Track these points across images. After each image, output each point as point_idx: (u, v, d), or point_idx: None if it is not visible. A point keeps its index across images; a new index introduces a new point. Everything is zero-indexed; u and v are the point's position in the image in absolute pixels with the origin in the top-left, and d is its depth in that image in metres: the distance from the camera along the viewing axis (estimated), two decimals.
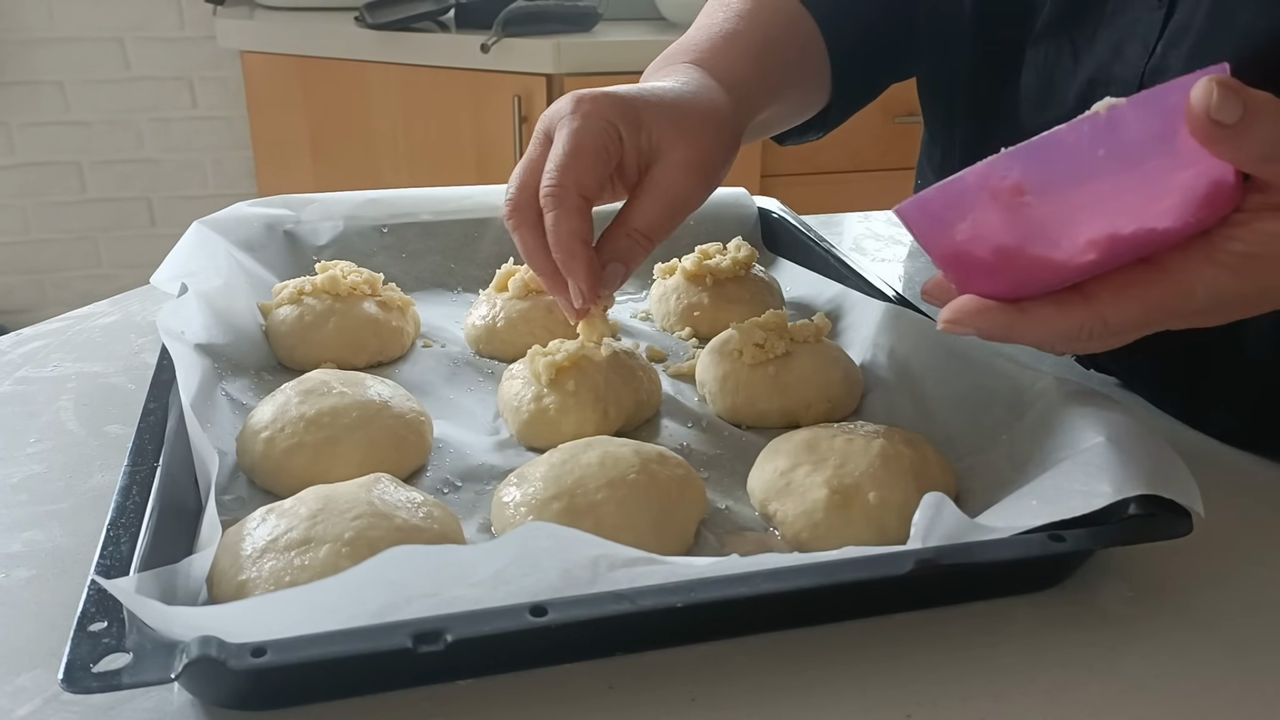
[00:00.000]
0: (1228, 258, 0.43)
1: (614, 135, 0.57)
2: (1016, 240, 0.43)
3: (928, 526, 0.44)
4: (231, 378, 0.66)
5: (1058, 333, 0.45)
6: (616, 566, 0.41)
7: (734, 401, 0.65)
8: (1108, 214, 0.41)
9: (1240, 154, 0.40)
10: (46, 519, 0.54)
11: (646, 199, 0.58)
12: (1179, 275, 0.43)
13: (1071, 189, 0.41)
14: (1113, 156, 0.40)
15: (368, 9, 1.88)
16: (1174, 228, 0.42)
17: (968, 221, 0.43)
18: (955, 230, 0.44)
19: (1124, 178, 0.41)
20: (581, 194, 0.56)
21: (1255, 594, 0.50)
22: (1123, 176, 0.41)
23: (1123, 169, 0.41)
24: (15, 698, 0.42)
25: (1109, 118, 0.40)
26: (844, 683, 0.43)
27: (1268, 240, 0.42)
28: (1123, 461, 0.47)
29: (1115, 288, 0.44)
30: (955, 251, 0.44)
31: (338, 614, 0.38)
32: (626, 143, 0.57)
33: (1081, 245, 0.42)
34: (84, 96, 2.29)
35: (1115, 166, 0.41)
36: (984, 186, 0.42)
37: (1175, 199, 0.41)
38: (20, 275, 2.41)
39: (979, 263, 0.44)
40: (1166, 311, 0.44)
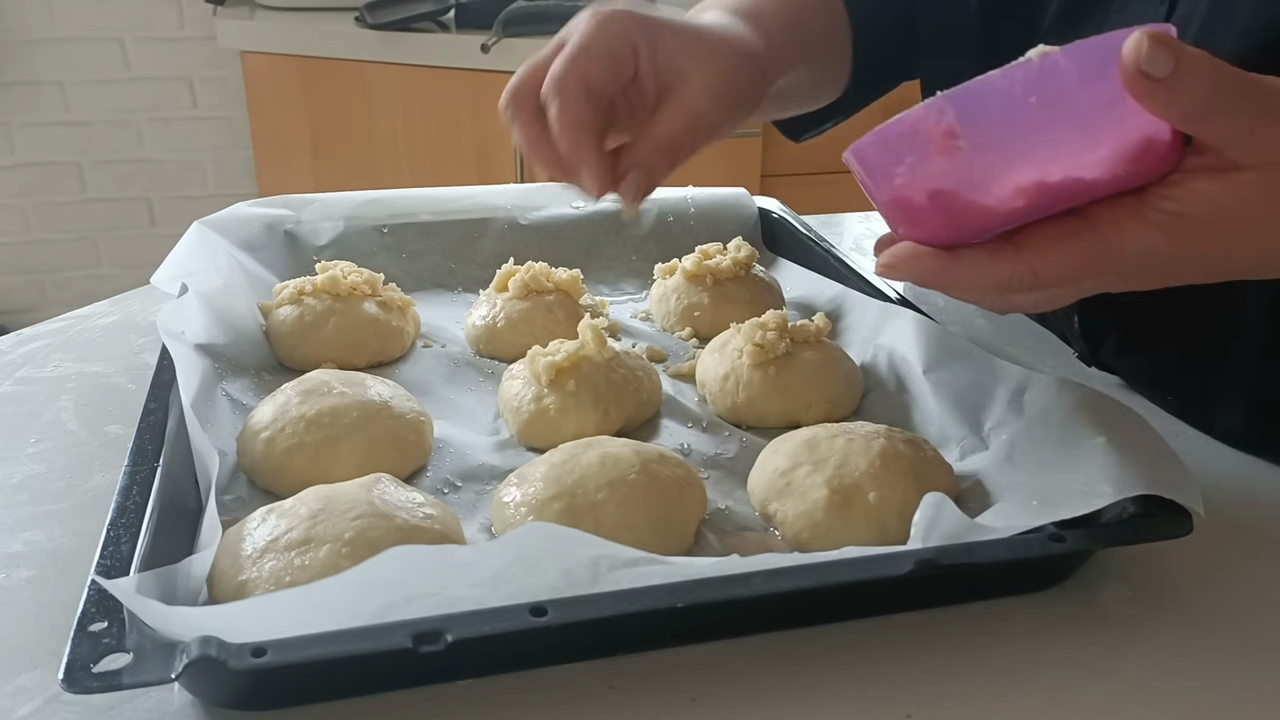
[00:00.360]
0: (1158, 216, 0.42)
1: (628, 45, 0.54)
2: (950, 185, 0.43)
3: (928, 527, 0.44)
4: (232, 378, 0.66)
5: (988, 280, 0.45)
6: (617, 567, 0.41)
7: (734, 402, 0.65)
8: (1037, 161, 0.42)
9: (1171, 109, 0.40)
10: (47, 519, 0.54)
11: (667, 112, 0.55)
12: (1109, 231, 0.43)
13: (1002, 134, 0.42)
14: (1044, 104, 0.41)
15: (368, 9, 1.88)
16: (1103, 179, 0.42)
17: (904, 165, 0.44)
18: (894, 175, 0.44)
19: (1055, 127, 0.41)
20: (586, 86, 0.53)
21: (1255, 594, 0.50)
22: (1054, 125, 0.41)
23: (1054, 117, 0.41)
24: (15, 698, 0.42)
25: (1041, 65, 0.40)
26: (844, 683, 0.43)
27: (1200, 201, 0.42)
28: (1123, 461, 0.47)
29: (1046, 239, 0.43)
30: (894, 196, 0.45)
31: (338, 614, 0.38)
32: (642, 58, 0.55)
33: (1011, 192, 0.42)
34: (84, 96, 2.29)
35: (1046, 114, 0.41)
36: (919, 130, 0.43)
37: (1106, 151, 0.41)
38: (20, 275, 2.41)
39: (916, 208, 0.44)
40: (1095, 266, 0.43)
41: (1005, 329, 0.79)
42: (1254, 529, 0.55)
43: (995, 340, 0.75)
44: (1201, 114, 0.40)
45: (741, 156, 1.93)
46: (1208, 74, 0.39)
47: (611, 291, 0.85)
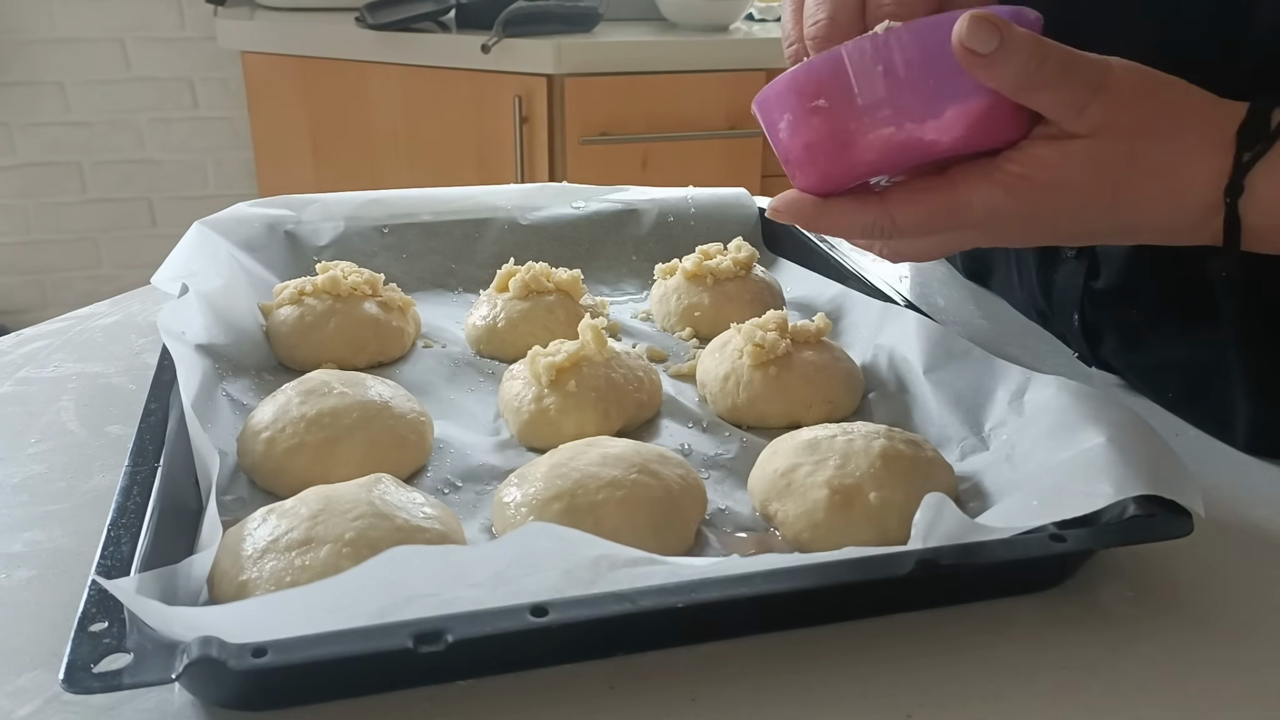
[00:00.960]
0: (1002, 176, 0.48)
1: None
2: (817, 138, 0.49)
3: (928, 527, 0.44)
4: (232, 378, 0.66)
5: (855, 225, 0.51)
6: (617, 567, 0.41)
7: (734, 402, 0.65)
8: (885, 121, 0.47)
9: (997, 81, 0.46)
10: (47, 519, 0.54)
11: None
12: (960, 186, 0.48)
13: (854, 97, 0.47)
14: (889, 73, 0.47)
15: (368, 9, 1.88)
16: (942, 140, 0.48)
17: (784, 121, 0.50)
18: (778, 128, 0.51)
19: (900, 92, 0.47)
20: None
21: (1256, 594, 0.50)
22: (899, 91, 0.47)
23: (898, 85, 0.47)
24: (16, 698, 0.42)
25: (885, 39, 0.46)
26: (845, 683, 0.43)
27: (1039, 164, 0.47)
28: (1123, 461, 0.47)
29: (906, 191, 0.49)
30: (779, 148, 0.51)
31: (338, 614, 0.38)
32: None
33: (862, 147, 0.48)
34: (85, 97, 2.29)
35: (890, 82, 0.47)
36: (792, 89, 0.49)
37: (949, 116, 0.47)
38: (21, 275, 2.41)
39: (796, 159, 0.51)
40: (946, 218, 0.49)
41: (1005, 330, 0.79)
42: (1255, 529, 0.55)
43: (995, 340, 0.75)
44: (1026, 87, 0.46)
45: (742, 157, 1.93)
46: (1030, 51, 0.45)
47: (612, 291, 0.85)
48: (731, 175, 1.87)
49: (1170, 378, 0.66)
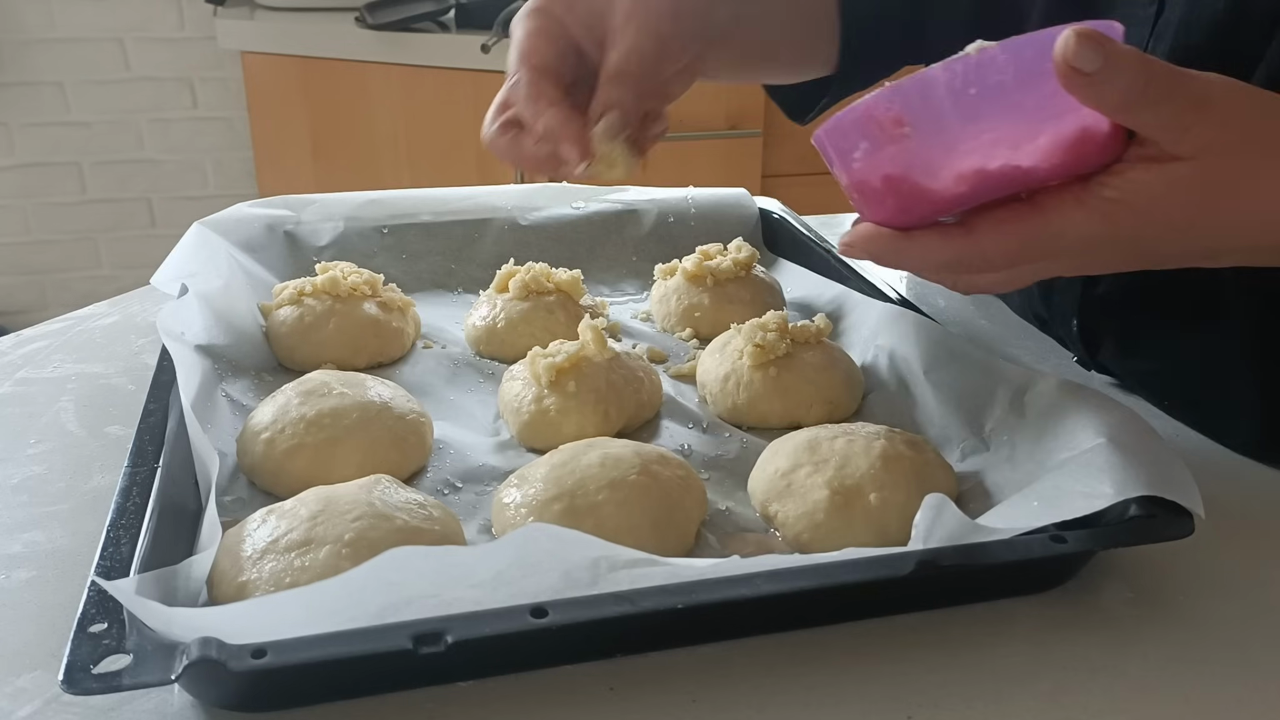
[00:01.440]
0: (1097, 202, 0.44)
1: (553, 18, 0.59)
2: (900, 169, 0.46)
3: (929, 528, 0.44)
4: (232, 379, 0.66)
5: (939, 259, 0.48)
6: (617, 568, 0.41)
7: (735, 402, 0.65)
8: (978, 149, 0.44)
9: (1101, 102, 0.42)
10: (47, 520, 0.54)
11: (613, 50, 0.59)
12: (1052, 215, 0.45)
13: (944, 123, 0.44)
14: (983, 96, 0.43)
15: (368, 9, 1.88)
16: (1041, 167, 0.44)
17: (860, 151, 0.46)
18: (853, 159, 0.47)
19: (994, 117, 0.44)
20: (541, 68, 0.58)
21: (1257, 595, 0.50)
22: (992, 116, 0.44)
23: (992, 109, 0.43)
24: (15, 699, 0.42)
25: (979, 59, 0.43)
26: (845, 684, 0.43)
27: (1137, 189, 0.44)
28: (1124, 463, 0.47)
29: (994, 222, 0.46)
30: (853, 179, 0.48)
31: (338, 615, 0.38)
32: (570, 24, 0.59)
33: (954, 178, 0.45)
34: (84, 97, 2.29)
35: (985, 106, 0.43)
36: (871, 117, 0.45)
37: (1045, 141, 0.44)
38: (21, 276, 2.41)
39: (872, 190, 0.47)
40: (1038, 249, 0.46)
41: (1005, 330, 0.79)
42: (1255, 530, 0.55)
43: (996, 341, 0.75)
44: (1130, 106, 0.42)
45: (742, 157, 1.93)
46: (1136, 69, 0.42)
47: (612, 292, 0.85)
48: (732, 175, 1.87)
49: (1169, 383, 0.65)
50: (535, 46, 0.59)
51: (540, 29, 0.59)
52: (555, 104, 0.57)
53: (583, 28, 0.59)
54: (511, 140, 0.59)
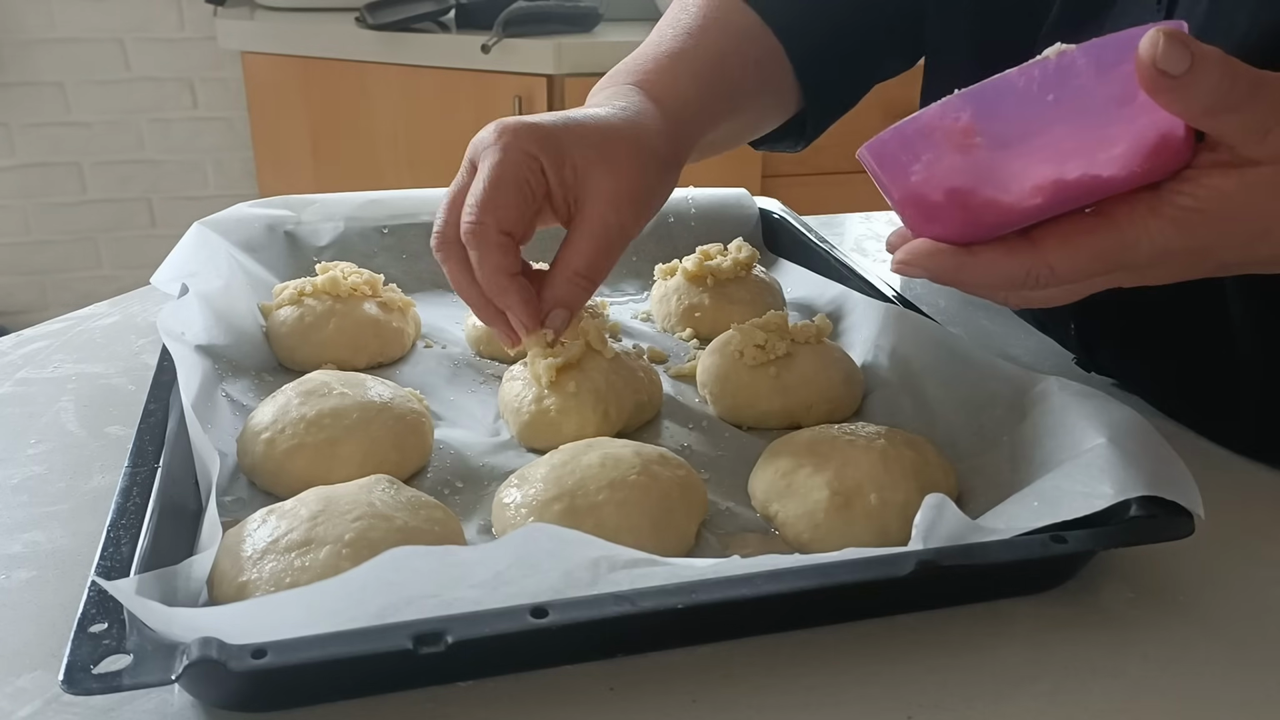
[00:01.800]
0: (1173, 211, 0.43)
1: (535, 168, 0.56)
2: (967, 182, 0.43)
3: (929, 528, 0.44)
4: (232, 379, 0.66)
5: (1005, 276, 0.45)
6: (617, 568, 0.41)
7: (735, 402, 0.65)
8: (1055, 159, 0.42)
9: (1186, 106, 0.40)
10: (47, 520, 0.54)
11: (579, 238, 0.57)
12: (1125, 225, 0.43)
13: (1020, 132, 0.42)
14: (1061, 102, 0.41)
15: (368, 9, 1.88)
16: (1120, 176, 0.42)
17: (921, 163, 0.44)
18: (910, 171, 0.44)
19: (1072, 124, 0.41)
20: (501, 230, 0.55)
21: (1257, 595, 0.50)
22: (1071, 122, 0.41)
23: (1071, 115, 0.41)
24: (16, 699, 0.42)
25: (1059, 64, 0.41)
26: (845, 684, 0.43)
27: (1213, 196, 0.42)
28: (1124, 463, 0.47)
29: (1061, 235, 0.44)
30: (910, 193, 0.45)
31: (338, 615, 0.38)
32: (550, 175, 0.56)
33: (1028, 189, 0.43)
34: (84, 97, 2.29)
35: (1064, 112, 0.41)
36: (937, 127, 0.43)
37: (1122, 148, 0.42)
38: (21, 276, 2.41)
39: (932, 205, 0.45)
40: (1111, 261, 0.44)
41: (1006, 330, 0.79)
42: (1255, 531, 0.55)
43: (996, 342, 0.75)
44: (1216, 110, 0.40)
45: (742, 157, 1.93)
46: (1223, 71, 0.40)
47: (612, 292, 0.85)
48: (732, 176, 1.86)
49: (1167, 384, 0.65)
50: (504, 200, 0.55)
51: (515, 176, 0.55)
52: (512, 279, 0.56)
53: (557, 180, 0.56)
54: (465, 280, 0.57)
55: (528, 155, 0.56)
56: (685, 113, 0.64)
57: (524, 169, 0.55)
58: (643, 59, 0.67)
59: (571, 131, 0.57)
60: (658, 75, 0.65)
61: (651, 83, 0.65)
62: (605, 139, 0.58)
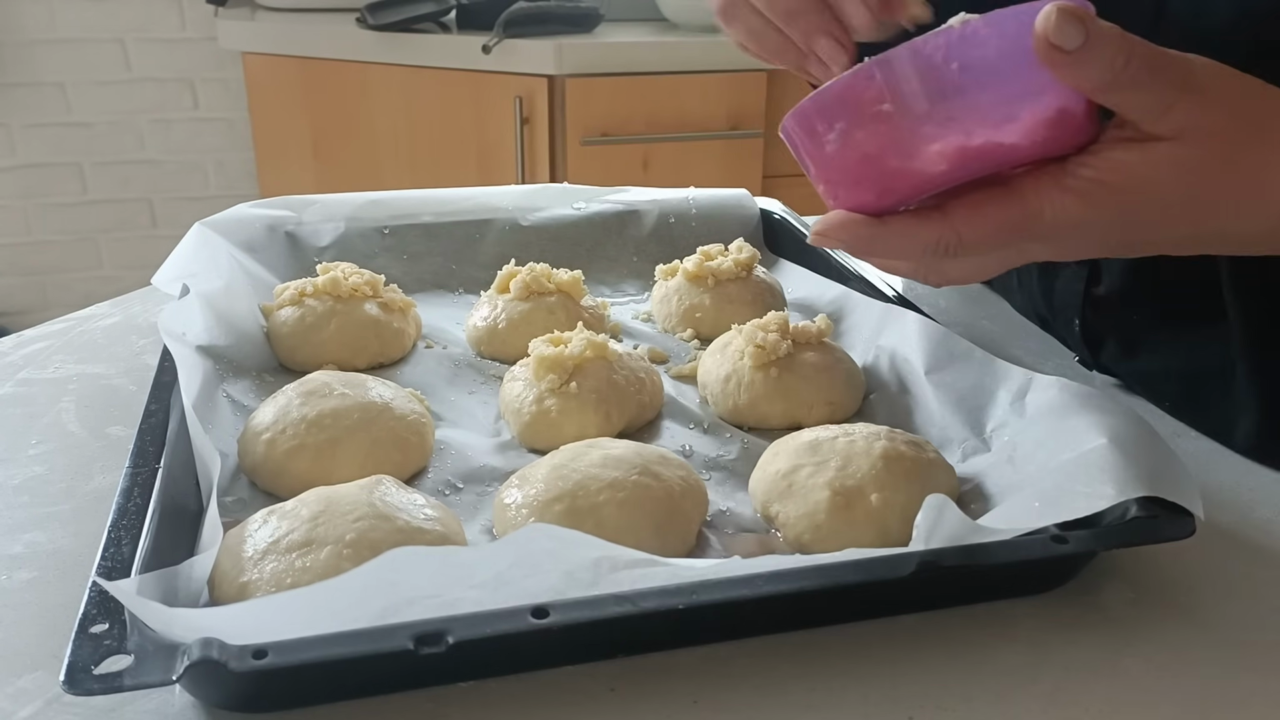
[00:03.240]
0: (1076, 183, 0.44)
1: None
2: (877, 149, 0.44)
3: (930, 528, 0.44)
4: (233, 379, 0.66)
5: (916, 245, 0.46)
6: (618, 568, 0.41)
7: (736, 403, 0.65)
8: (959, 125, 0.43)
9: (1082, 80, 0.42)
10: (48, 521, 0.54)
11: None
12: (1030, 196, 0.44)
13: (925, 99, 0.43)
14: (966, 71, 0.42)
15: (369, 10, 1.88)
16: (1021, 145, 0.43)
17: (835, 131, 0.45)
18: (825, 141, 0.46)
19: (976, 92, 0.43)
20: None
21: (1258, 595, 0.50)
22: (974, 91, 0.42)
23: (974, 84, 0.42)
24: (16, 699, 0.42)
25: (963, 33, 0.42)
26: (846, 685, 0.43)
27: (1115, 168, 0.43)
28: (1125, 463, 0.47)
29: (970, 204, 0.45)
30: (826, 163, 0.46)
31: (339, 616, 0.38)
32: None
33: (934, 155, 0.44)
34: (85, 98, 2.29)
35: (967, 81, 0.42)
36: (849, 95, 0.44)
37: (1025, 118, 0.43)
38: (21, 277, 2.41)
39: (846, 173, 0.46)
40: (1016, 230, 0.45)
41: (1007, 331, 0.79)
42: (1256, 531, 0.55)
43: (997, 342, 0.75)
44: (1112, 86, 0.42)
45: (743, 157, 1.93)
46: (1118, 47, 0.41)
47: (613, 293, 0.85)
48: (733, 176, 1.87)
49: (1171, 383, 0.65)
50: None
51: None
52: None
53: None
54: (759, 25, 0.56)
55: None
56: None
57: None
58: None
59: None
60: None
61: None
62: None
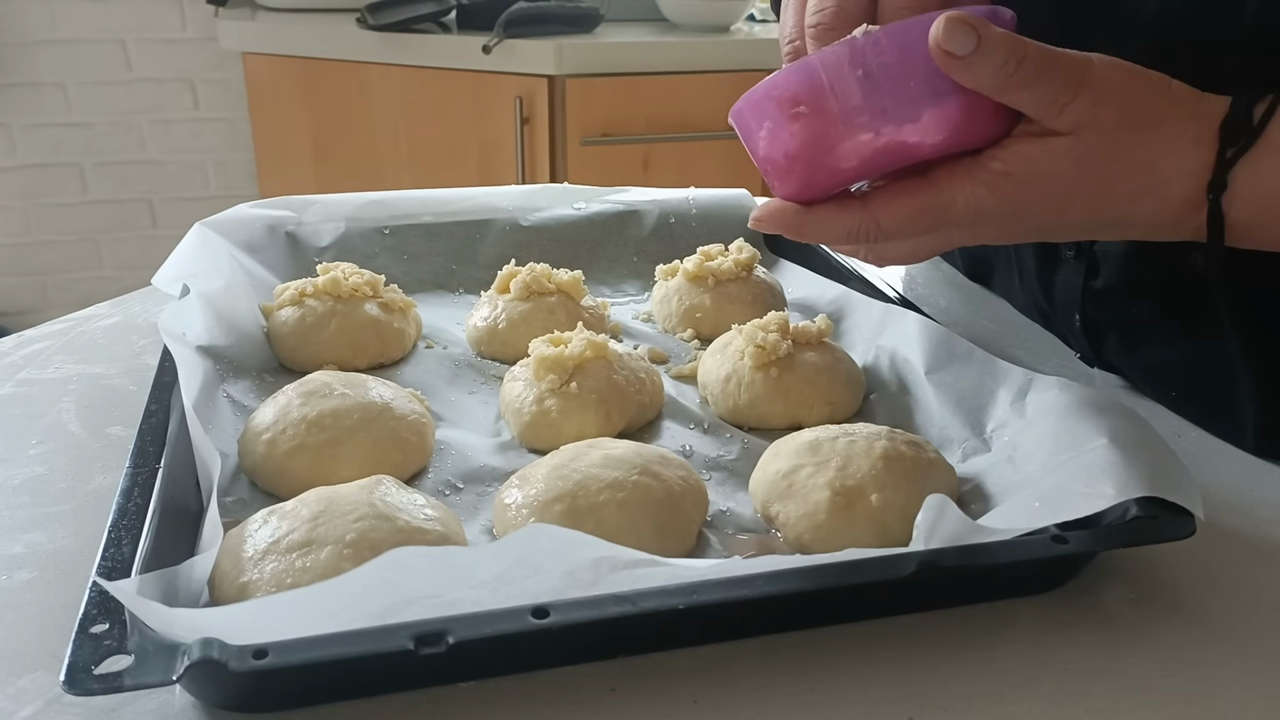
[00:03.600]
0: (985, 174, 0.48)
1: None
2: (798, 146, 0.49)
3: (930, 528, 0.44)
4: (233, 379, 0.66)
5: (839, 230, 0.50)
6: (618, 568, 0.41)
7: (736, 403, 0.65)
8: (866, 127, 0.47)
9: (976, 81, 0.46)
10: (48, 521, 0.54)
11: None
12: (943, 186, 0.49)
13: (834, 102, 0.47)
14: (869, 77, 0.46)
15: (369, 10, 1.88)
16: (927, 143, 0.47)
17: (764, 129, 0.50)
18: (758, 137, 0.50)
19: (879, 96, 0.47)
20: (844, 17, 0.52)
21: (1258, 596, 0.50)
22: (878, 94, 0.47)
23: (877, 88, 0.46)
24: (17, 699, 0.42)
25: (864, 42, 0.46)
26: (846, 685, 0.43)
27: (1021, 161, 0.48)
28: (1125, 463, 0.47)
29: (888, 194, 0.49)
30: (760, 156, 0.51)
31: (339, 616, 0.38)
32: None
33: (845, 153, 0.48)
34: (86, 98, 2.29)
35: (871, 85, 0.46)
36: (770, 97, 0.49)
37: (926, 118, 0.47)
38: (22, 277, 2.41)
39: (776, 166, 0.50)
40: (931, 218, 0.49)
41: (1007, 330, 0.79)
42: (1257, 531, 0.55)
43: (997, 341, 0.75)
44: (1006, 87, 0.46)
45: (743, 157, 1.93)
46: (1010, 51, 0.45)
47: (613, 293, 0.85)
48: (733, 176, 1.87)
49: (1172, 377, 0.65)
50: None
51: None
52: None
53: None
54: None
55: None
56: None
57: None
58: None
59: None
60: None
61: None
62: None
